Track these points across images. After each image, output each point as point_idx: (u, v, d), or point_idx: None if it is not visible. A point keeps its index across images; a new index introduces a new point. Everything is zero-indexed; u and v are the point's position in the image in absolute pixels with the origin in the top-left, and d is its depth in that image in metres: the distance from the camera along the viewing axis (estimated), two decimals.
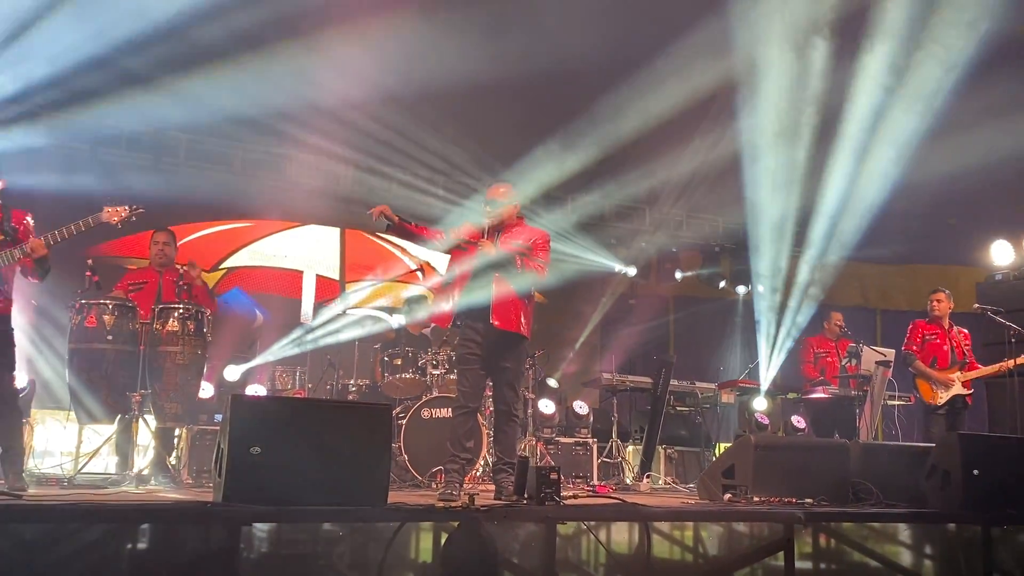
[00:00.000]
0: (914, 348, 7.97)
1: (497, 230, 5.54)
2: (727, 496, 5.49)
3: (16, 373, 5.93)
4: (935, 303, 7.99)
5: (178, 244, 7.06)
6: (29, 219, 5.35)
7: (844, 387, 8.26)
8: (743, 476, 5.55)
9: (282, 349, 8.25)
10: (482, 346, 5.43)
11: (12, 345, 5.19)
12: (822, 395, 8.42)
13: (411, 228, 5.57)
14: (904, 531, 5.72)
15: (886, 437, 8.81)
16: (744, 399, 9.05)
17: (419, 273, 9.22)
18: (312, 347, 8.01)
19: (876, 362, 8.00)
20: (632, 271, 11.58)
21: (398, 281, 9.69)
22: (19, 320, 6.27)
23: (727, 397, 8.94)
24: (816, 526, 5.31)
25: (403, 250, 10.67)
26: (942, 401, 7.71)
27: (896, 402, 8.22)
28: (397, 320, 8.61)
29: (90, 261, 6.19)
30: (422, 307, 8.23)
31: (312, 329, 8.45)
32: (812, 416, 8.82)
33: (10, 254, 5.13)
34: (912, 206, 10.49)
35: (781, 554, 4.80)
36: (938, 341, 7.93)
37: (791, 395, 9.19)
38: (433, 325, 7.97)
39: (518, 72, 7.74)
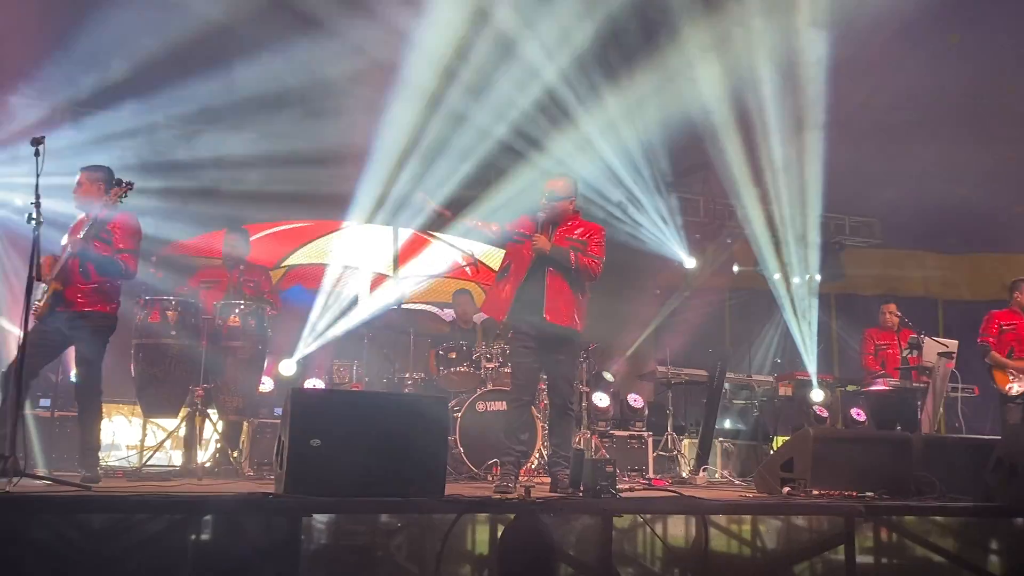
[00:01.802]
0: (991, 339, 7.84)
1: (552, 224, 5.54)
2: (786, 489, 5.43)
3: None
4: (1020, 294, 7.89)
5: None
6: (119, 224, 5.47)
7: (905, 379, 8.10)
8: (802, 469, 5.48)
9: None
10: (535, 340, 5.44)
11: (99, 343, 5.36)
12: (882, 387, 8.27)
13: (465, 222, 5.61)
14: (969, 525, 5.59)
15: (949, 430, 8.61)
16: (802, 391, 8.93)
17: (468, 269, 9.26)
18: (367, 341, 8.07)
19: (938, 353, 7.83)
20: (692, 263, 11.48)
21: (449, 276, 9.75)
22: None
23: (785, 389, 8.83)
24: (877, 520, 5.22)
25: (453, 246, 10.77)
26: (1016, 392, 7.59)
27: (959, 394, 8.04)
28: (449, 314, 8.67)
29: (153, 258, 6.35)
30: (471, 301, 8.28)
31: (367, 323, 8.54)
32: (872, 409, 8.68)
33: (66, 256, 5.27)
34: (975, 194, 10.26)
35: (841, 548, 4.73)
36: (1017, 331, 7.81)
37: (851, 387, 9.04)
38: (484, 318, 8.02)
39: None
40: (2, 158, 7.92)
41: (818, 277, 11.93)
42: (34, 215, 4.66)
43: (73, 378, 5.75)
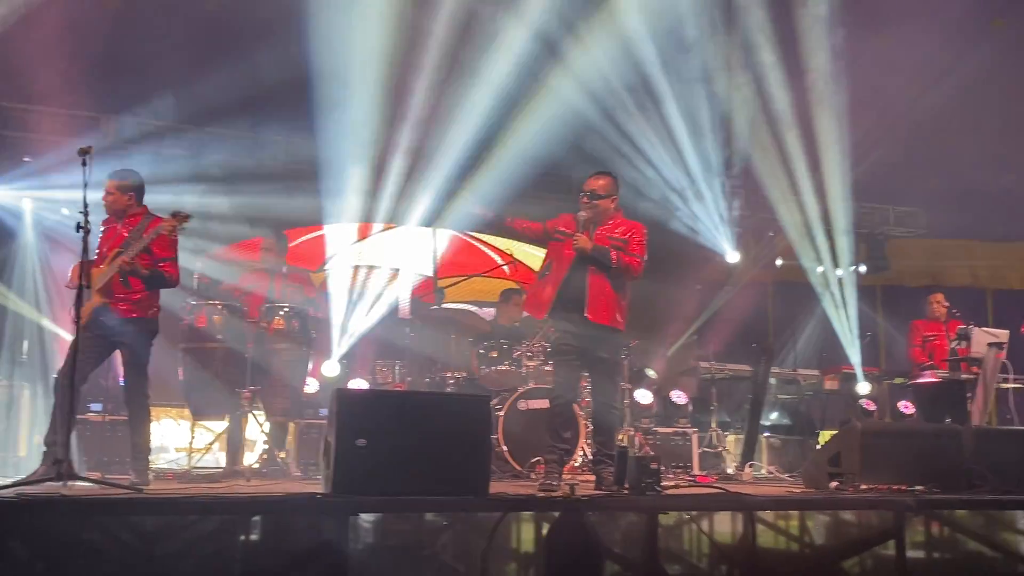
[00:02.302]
0: None
1: (593, 223, 5.52)
2: (833, 484, 5.36)
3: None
4: None
5: (290, 246, 7.30)
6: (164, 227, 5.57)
7: (954, 371, 7.96)
8: (850, 464, 5.41)
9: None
10: (577, 339, 5.43)
11: (144, 348, 5.46)
12: (931, 379, 8.13)
13: (508, 222, 5.62)
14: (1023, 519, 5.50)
15: (1000, 422, 8.46)
16: (848, 385, 8.82)
17: (507, 268, 9.29)
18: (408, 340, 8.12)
19: (988, 344, 7.68)
20: (735, 257, 11.38)
21: (489, 276, 9.77)
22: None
23: (831, 383, 8.73)
24: (928, 514, 5.16)
25: (491, 246, 10.82)
26: None
27: (1010, 385, 7.88)
28: (489, 313, 8.69)
29: (199, 264, 6.45)
30: (514, 300, 8.29)
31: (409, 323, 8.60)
32: (921, 401, 8.54)
33: (113, 267, 5.36)
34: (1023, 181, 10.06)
35: (891, 543, 4.67)
36: None
37: (898, 380, 8.91)
38: (525, 316, 8.03)
39: None
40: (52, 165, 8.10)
41: (863, 269, 11.77)
42: (83, 223, 4.76)
43: (121, 382, 5.86)
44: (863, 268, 11.84)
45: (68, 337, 5.21)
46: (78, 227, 4.85)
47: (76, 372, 4.94)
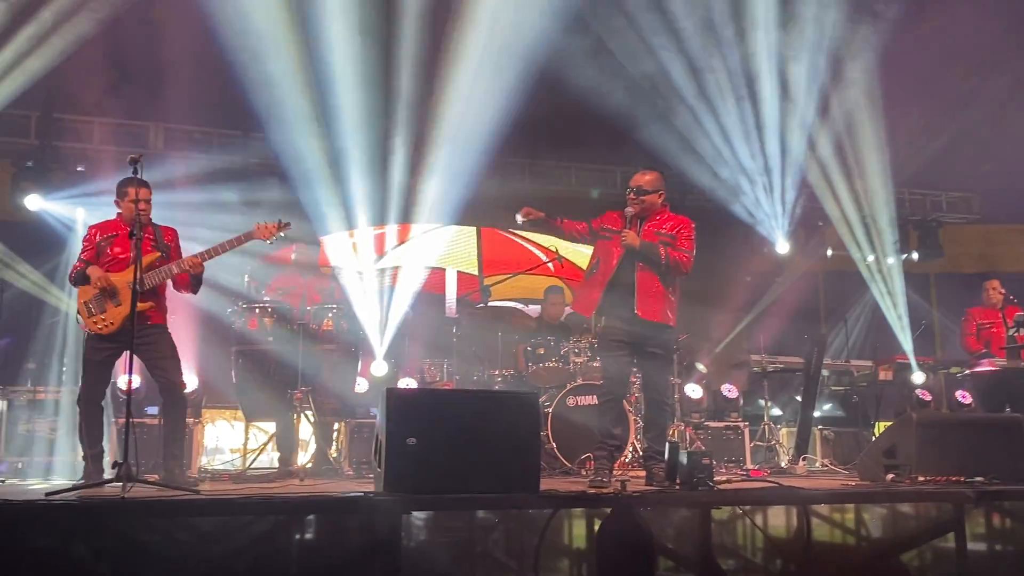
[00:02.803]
0: None
1: (641, 219, 5.50)
2: (890, 476, 5.28)
3: (186, 374, 6.33)
4: None
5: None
6: (176, 236, 5.70)
7: (1013, 358, 7.77)
8: (906, 455, 5.32)
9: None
10: (627, 335, 5.40)
11: (173, 348, 5.54)
12: (989, 368, 7.95)
13: (556, 223, 5.61)
14: None
15: None
16: (903, 375, 8.66)
17: (551, 265, 9.29)
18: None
19: None
20: (786, 248, 11.25)
21: (534, 273, 9.78)
22: (188, 326, 6.71)
23: (885, 374, 8.58)
24: (989, 506, 5.04)
25: (535, 244, 10.84)
26: None
27: None
28: (535, 311, 8.68)
29: (248, 266, 6.54)
30: (556, 297, 8.29)
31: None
32: (979, 391, 8.35)
33: (168, 270, 5.47)
34: None
35: (951, 535, 4.58)
36: None
37: (954, 369, 8.73)
38: (570, 312, 8.02)
39: None
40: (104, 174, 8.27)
41: (915, 256, 11.57)
42: (136, 231, 4.85)
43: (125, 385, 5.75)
44: (915, 256, 11.63)
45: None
46: (131, 234, 4.95)
47: (105, 383, 5.10)
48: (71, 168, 9.30)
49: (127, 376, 4.91)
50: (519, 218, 5.55)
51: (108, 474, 5.00)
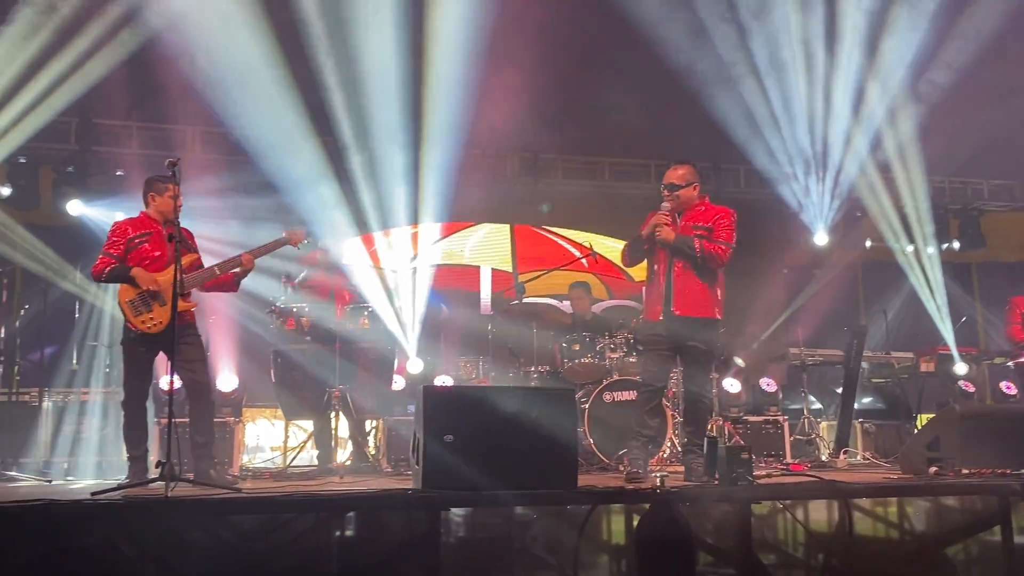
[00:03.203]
0: None
1: (678, 213, 5.48)
2: (933, 469, 5.20)
3: (226, 374, 6.41)
4: None
5: (371, 249, 7.43)
6: (193, 237, 5.77)
7: None
8: (950, 448, 5.24)
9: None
10: (667, 331, 5.39)
11: (203, 348, 5.62)
12: None
13: (644, 246, 5.57)
14: None
15: None
16: (945, 366, 8.53)
17: (585, 261, 9.29)
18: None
19: None
20: (824, 239, 11.13)
21: (567, 269, 9.77)
22: (227, 327, 6.79)
23: (926, 365, 8.45)
24: None
25: (569, 240, 10.84)
26: None
27: None
28: (568, 306, 8.68)
29: (286, 268, 6.60)
30: (587, 293, 8.29)
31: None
32: None
33: (211, 270, 5.53)
34: None
35: (997, 528, 4.51)
36: None
37: (998, 360, 8.59)
38: (604, 307, 8.01)
39: None
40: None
41: (956, 245, 11.38)
42: (175, 234, 4.91)
43: (166, 384, 5.81)
44: (956, 245, 11.43)
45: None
46: (171, 237, 5.01)
47: (148, 383, 5.18)
48: (110, 172, 9.44)
49: (168, 376, 4.98)
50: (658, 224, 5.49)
51: (152, 473, 5.07)
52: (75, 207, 9.08)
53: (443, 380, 8.05)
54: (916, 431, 7.18)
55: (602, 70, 8.85)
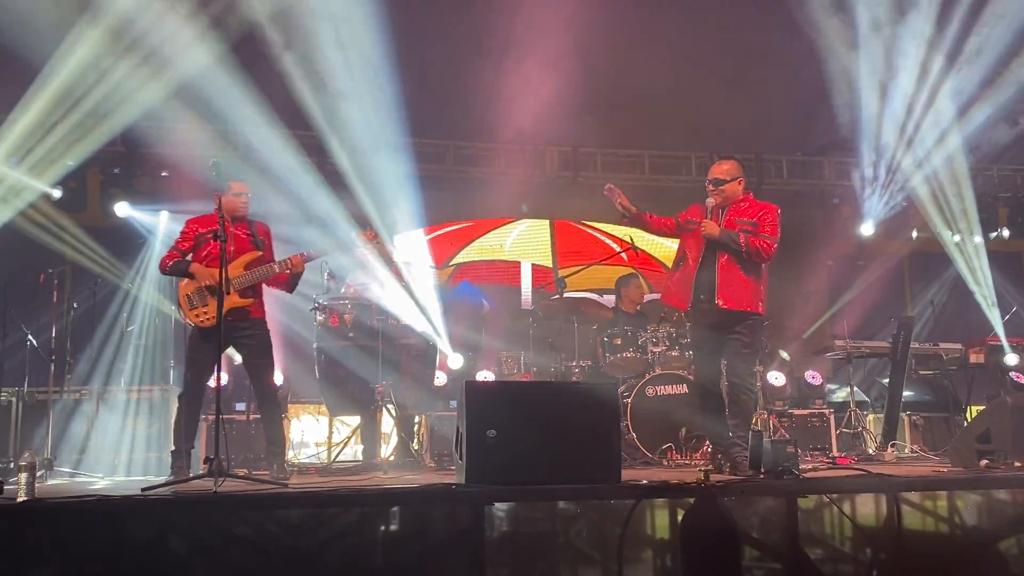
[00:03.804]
0: None
1: (722, 208, 5.51)
2: (983, 462, 5.12)
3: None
4: None
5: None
6: (270, 233, 5.84)
7: None
8: (1001, 440, 5.16)
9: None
10: (712, 326, 5.46)
11: (270, 346, 5.68)
12: None
13: (644, 218, 5.63)
14: None
15: None
16: (995, 358, 8.36)
17: (624, 255, 9.25)
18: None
19: None
20: (870, 229, 10.97)
21: (607, 263, 9.75)
22: (272, 323, 6.85)
23: (976, 357, 8.29)
24: None
25: (607, 234, 10.82)
26: None
27: None
28: (609, 300, 8.64)
29: (327, 264, 6.65)
30: (633, 284, 8.26)
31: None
32: None
33: (270, 268, 5.61)
34: None
35: None
36: None
37: None
38: (647, 300, 7.98)
39: None
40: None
41: (1005, 234, 11.14)
42: (220, 233, 4.97)
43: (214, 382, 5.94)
44: (1006, 233, 11.18)
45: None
46: (215, 236, 5.07)
47: (206, 378, 5.26)
48: (156, 173, 9.58)
49: (215, 373, 5.05)
50: (614, 198, 5.53)
51: (200, 469, 5.15)
52: (122, 209, 9.24)
53: (485, 375, 8.07)
54: (966, 423, 7.05)
55: (641, 59, 8.78)
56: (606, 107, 9.57)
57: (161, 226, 9.23)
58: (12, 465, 5.52)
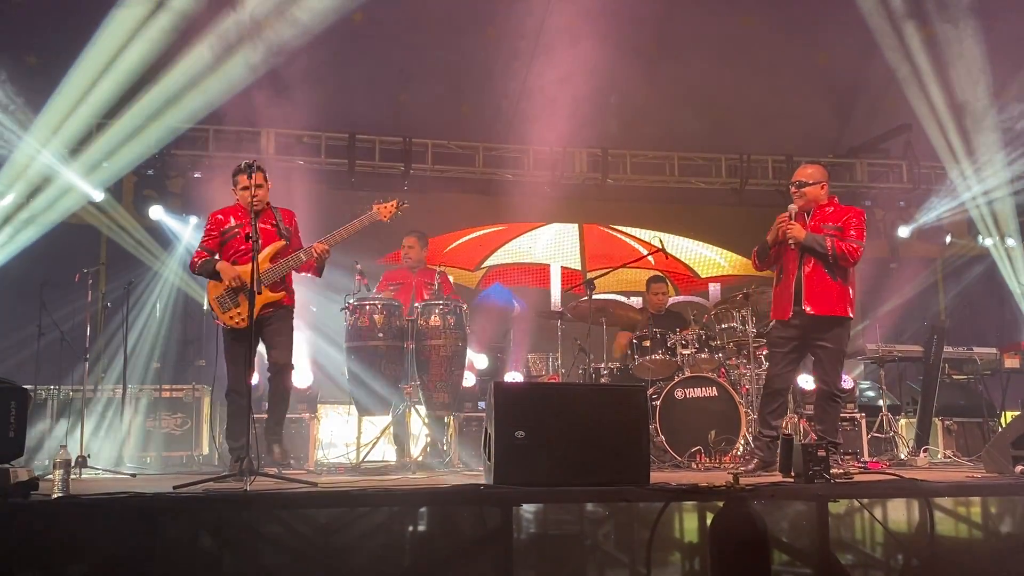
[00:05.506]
0: None
1: (807, 212, 5.58)
2: (1019, 468, 5.04)
3: (301, 370, 6.49)
4: None
5: (447, 249, 7.51)
6: (295, 219, 5.90)
7: None
8: None
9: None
10: (797, 331, 5.53)
11: (291, 329, 5.74)
12: None
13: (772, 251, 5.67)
14: None
15: None
16: None
17: (652, 259, 9.23)
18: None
19: None
20: (906, 232, 10.86)
21: (635, 266, 9.73)
22: (301, 323, 6.91)
23: (1011, 361, 8.17)
24: None
25: (635, 238, 10.82)
26: None
27: None
28: (637, 303, 8.60)
29: (359, 265, 6.69)
30: (662, 286, 8.24)
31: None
32: None
33: (296, 258, 5.66)
34: None
35: None
36: None
37: None
38: (672, 302, 7.98)
39: None
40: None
41: None
42: (251, 234, 5.01)
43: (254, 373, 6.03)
44: None
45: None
46: (247, 236, 5.12)
47: (243, 375, 5.29)
48: (188, 175, 9.69)
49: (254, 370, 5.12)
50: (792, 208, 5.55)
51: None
52: (156, 212, 9.38)
53: (513, 376, 8.07)
54: (1000, 428, 6.94)
55: (670, 63, 8.76)
56: (633, 109, 9.57)
57: (191, 228, 9.34)
58: (47, 462, 5.60)
